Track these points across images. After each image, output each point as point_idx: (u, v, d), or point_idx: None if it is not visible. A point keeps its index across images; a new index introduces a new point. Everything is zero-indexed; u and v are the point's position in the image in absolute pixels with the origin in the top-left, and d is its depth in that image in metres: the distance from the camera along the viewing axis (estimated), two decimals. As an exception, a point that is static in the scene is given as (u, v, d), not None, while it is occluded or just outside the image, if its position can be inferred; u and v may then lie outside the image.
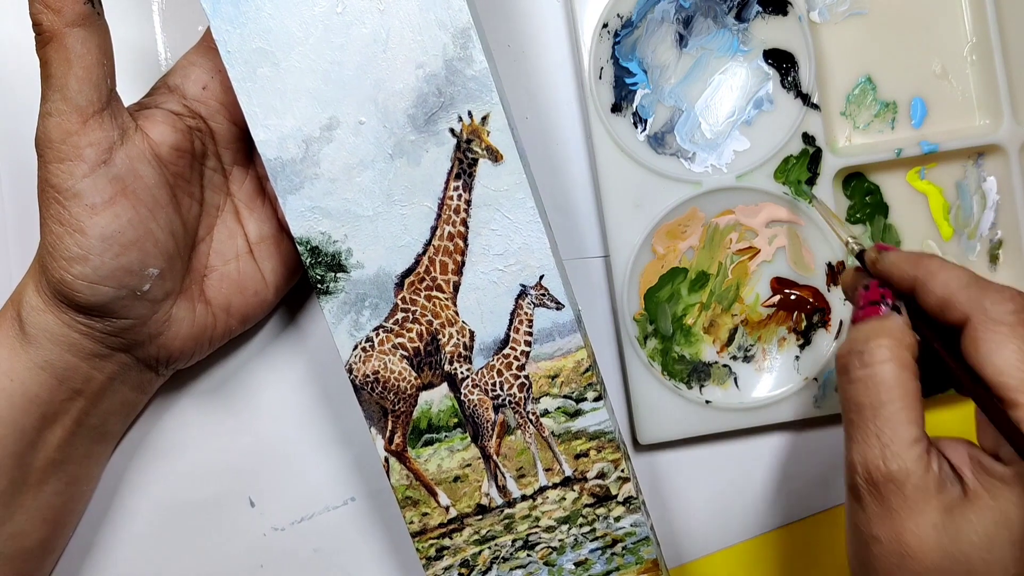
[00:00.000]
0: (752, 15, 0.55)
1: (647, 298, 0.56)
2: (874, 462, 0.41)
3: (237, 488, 0.57)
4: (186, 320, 0.50)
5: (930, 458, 0.41)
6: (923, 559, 0.40)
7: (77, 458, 0.52)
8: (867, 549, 0.42)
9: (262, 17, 0.46)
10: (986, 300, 0.42)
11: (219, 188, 0.52)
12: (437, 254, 0.48)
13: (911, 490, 0.41)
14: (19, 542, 0.50)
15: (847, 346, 0.44)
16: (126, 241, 0.46)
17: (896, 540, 0.41)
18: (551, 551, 0.51)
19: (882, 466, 0.41)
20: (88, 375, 0.49)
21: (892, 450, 0.41)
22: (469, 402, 0.49)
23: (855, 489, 0.42)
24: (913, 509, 0.41)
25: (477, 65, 0.46)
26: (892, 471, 0.41)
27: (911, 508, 0.41)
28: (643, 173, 0.55)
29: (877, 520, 0.42)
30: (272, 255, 0.52)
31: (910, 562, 0.41)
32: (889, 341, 0.43)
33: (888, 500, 0.41)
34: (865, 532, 0.42)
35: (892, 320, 0.44)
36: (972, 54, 0.56)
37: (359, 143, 0.47)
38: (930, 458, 0.41)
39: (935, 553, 0.40)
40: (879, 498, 0.41)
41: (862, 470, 0.42)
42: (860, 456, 0.42)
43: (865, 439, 0.42)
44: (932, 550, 0.40)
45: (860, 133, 0.57)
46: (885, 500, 0.41)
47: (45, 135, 0.45)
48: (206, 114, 0.50)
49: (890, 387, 0.42)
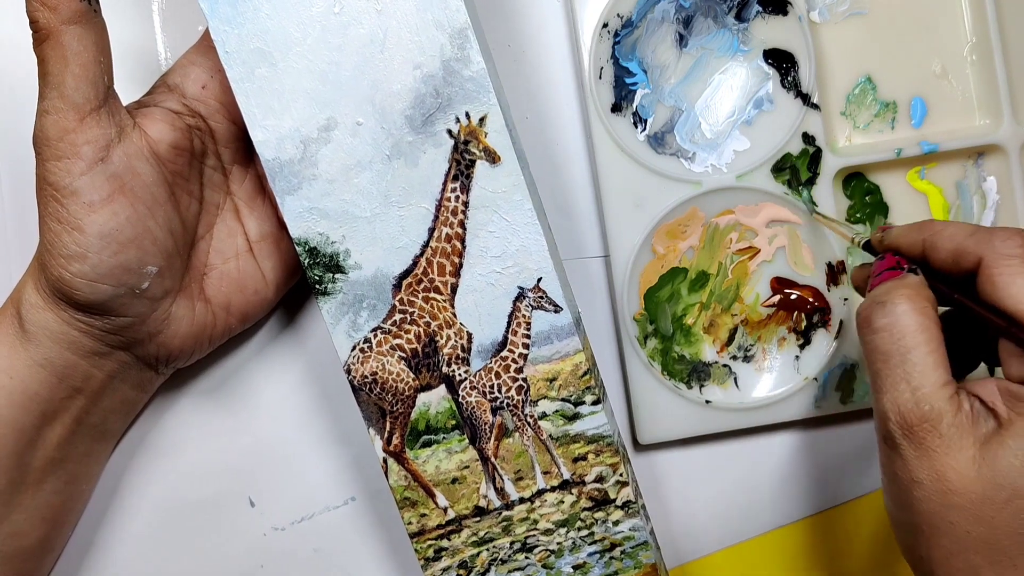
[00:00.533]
0: (752, 15, 0.55)
1: (647, 298, 0.56)
2: (906, 406, 0.42)
3: (237, 488, 0.57)
4: (186, 318, 0.50)
5: (961, 398, 0.42)
6: (967, 493, 0.41)
7: (77, 457, 0.52)
8: (909, 495, 0.42)
9: (260, 17, 0.46)
10: (995, 240, 0.43)
11: (219, 186, 0.52)
12: (435, 256, 0.48)
13: (946, 428, 0.41)
14: (18, 541, 0.50)
15: (868, 301, 0.45)
16: (124, 239, 0.46)
17: (938, 479, 0.41)
18: (549, 554, 0.51)
19: (915, 408, 0.42)
20: (88, 373, 0.49)
21: (923, 392, 0.42)
22: (467, 404, 0.49)
23: (889, 437, 0.43)
24: (951, 447, 0.41)
25: (475, 66, 0.46)
26: (925, 412, 0.41)
27: (949, 446, 0.41)
28: (643, 173, 0.55)
29: (916, 463, 0.42)
30: (272, 254, 0.52)
31: (954, 498, 0.41)
32: (910, 291, 0.44)
33: (925, 441, 0.42)
34: (905, 478, 0.42)
35: (911, 278, 0.45)
36: (972, 54, 0.56)
37: (357, 144, 0.47)
38: (961, 398, 0.42)
39: (978, 485, 0.41)
40: (916, 441, 0.42)
41: (895, 416, 0.42)
42: (892, 403, 0.42)
43: (895, 385, 0.42)
44: (974, 482, 0.41)
45: (860, 133, 0.57)
46: (922, 442, 0.42)
47: (42, 133, 0.45)
48: (205, 113, 0.50)
49: (915, 332, 0.42)
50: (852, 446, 0.58)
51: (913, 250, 0.46)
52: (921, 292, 0.44)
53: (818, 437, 0.58)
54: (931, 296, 0.44)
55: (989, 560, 0.41)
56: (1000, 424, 0.42)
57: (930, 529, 0.42)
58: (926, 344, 0.42)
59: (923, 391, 0.42)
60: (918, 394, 0.42)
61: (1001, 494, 0.40)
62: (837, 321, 0.56)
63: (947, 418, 0.41)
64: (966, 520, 0.41)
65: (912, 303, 0.43)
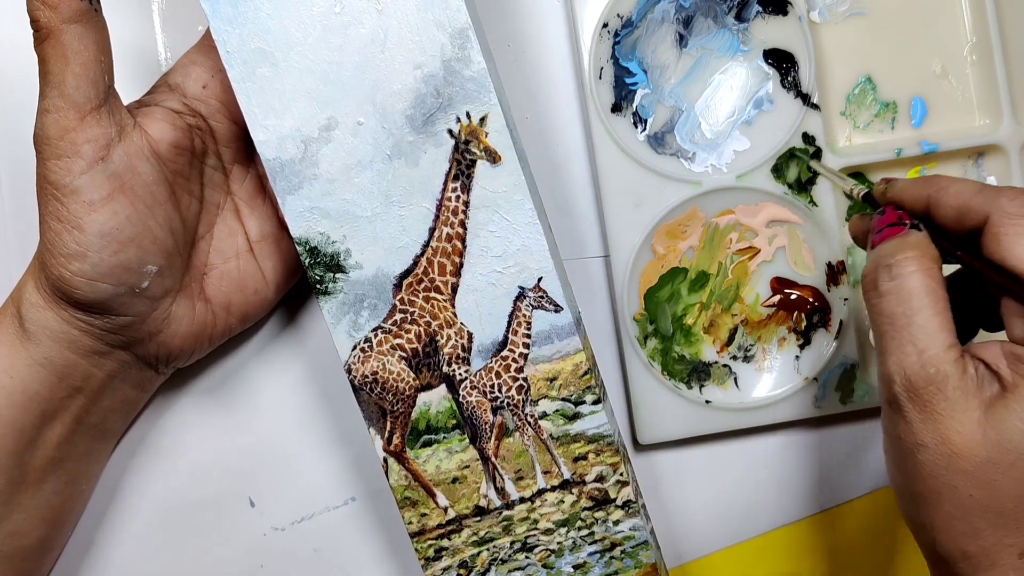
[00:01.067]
0: (752, 15, 0.55)
1: (647, 298, 0.56)
2: (912, 368, 0.42)
3: (237, 488, 0.57)
4: (186, 318, 0.50)
5: (966, 361, 0.42)
6: (972, 456, 0.41)
7: (77, 456, 0.52)
8: (913, 459, 0.42)
9: (261, 17, 0.46)
10: (1002, 198, 0.42)
11: (219, 186, 0.52)
12: (435, 255, 0.48)
13: (951, 391, 0.41)
14: (18, 541, 0.50)
15: (872, 263, 0.44)
16: (124, 238, 0.46)
17: (942, 442, 0.41)
18: (549, 553, 0.51)
19: (921, 371, 0.41)
20: (88, 372, 0.49)
21: (929, 355, 0.41)
22: (467, 404, 0.49)
23: (894, 400, 0.42)
24: (956, 409, 0.41)
25: (475, 66, 0.46)
26: (931, 375, 0.41)
27: (954, 409, 0.41)
28: (643, 173, 0.55)
29: (920, 426, 0.42)
30: (272, 253, 0.52)
31: (959, 461, 0.41)
32: (915, 252, 0.43)
33: (930, 404, 0.41)
34: (908, 442, 0.42)
35: (914, 235, 0.44)
36: (972, 54, 0.56)
37: (357, 144, 0.47)
38: (966, 361, 0.42)
39: (982, 448, 0.40)
40: (920, 404, 0.42)
41: (900, 379, 0.42)
42: (897, 365, 0.42)
43: (901, 347, 0.42)
44: (979, 445, 0.41)
45: (860, 133, 0.57)
46: (927, 404, 0.41)
47: (43, 132, 0.45)
48: (206, 113, 0.50)
49: (921, 295, 0.42)
50: (852, 446, 0.58)
51: (917, 205, 0.45)
52: (927, 251, 0.43)
53: (818, 437, 0.58)
54: (936, 255, 0.43)
55: (992, 524, 0.41)
56: (1004, 387, 0.41)
57: (932, 493, 0.42)
58: (932, 306, 0.42)
59: (929, 353, 0.41)
60: (924, 357, 0.41)
61: (1006, 457, 0.40)
62: (837, 321, 0.56)
63: (952, 381, 0.41)
64: (969, 483, 0.41)
65: (918, 264, 0.43)
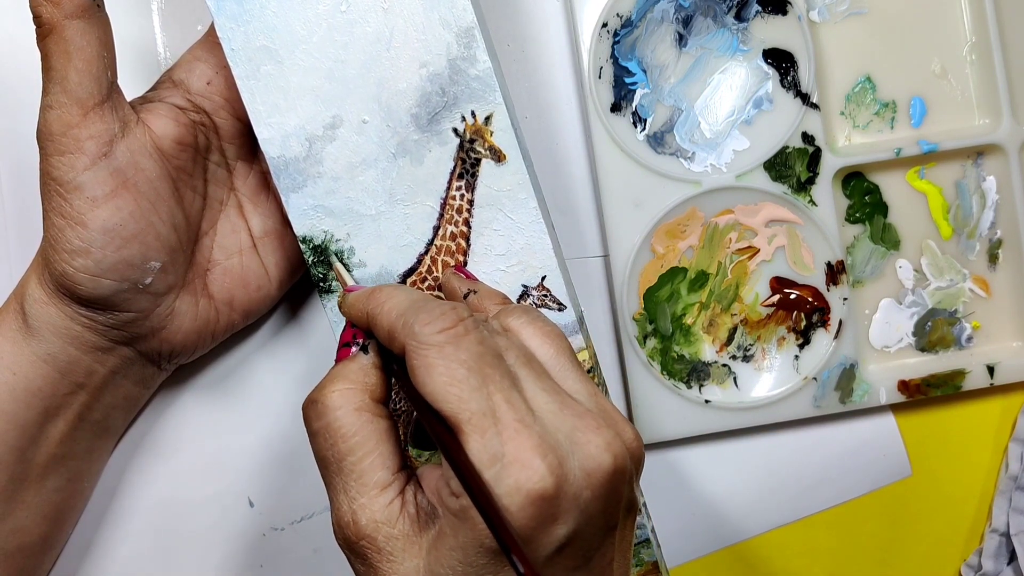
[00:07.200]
0: (752, 15, 0.55)
1: (647, 298, 0.56)
2: (344, 520, 0.39)
3: (237, 488, 0.57)
4: (188, 314, 0.50)
5: (404, 501, 0.39)
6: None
7: (79, 453, 0.51)
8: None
9: (266, 15, 0.46)
10: (416, 323, 0.38)
11: (223, 182, 0.52)
12: (439, 254, 0.48)
13: (384, 542, 0.38)
14: (20, 538, 0.50)
15: (308, 397, 0.41)
16: (127, 234, 0.46)
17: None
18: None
19: (352, 524, 0.38)
20: (90, 368, 0.49)
21: (359, 504, 0.38)
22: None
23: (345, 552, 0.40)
24: (393, 561, 0.38)
25: (481, 65, 0.46)
26: (362, 527, 0.38)
27: (391, 560, 0.38)
28: (643, 173, 0.55)
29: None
30: (276, 250, 0.52)
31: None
32: (343, 384, 0.40)
33: (368, 558, 0.38)
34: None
35: (356, 361, 0.41)
36: (972, 54, 0.56)
37: (362, 142, 0.47)
38: (404, 501, 0.39)
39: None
40: (361, 558, 0.39)
41: (338, 532, 0.39)
42: (335, 517, 0.39)
43: (335, 497, 0.39)
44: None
45: (859, 132, 0.57)
46: (366, 559, 0.38)
47: (46, 128, 0.45)
48: (210, 109, 0.50)
49: (347, 435, 0.39)
50: (852, 446, 0.58)
51: (362, 323, 0.42)
52: (358, 381, 0.40)
53: (818, 437, 0.58)
54: (374, 382, 0.40)
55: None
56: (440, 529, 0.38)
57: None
58: (362, 446, 0.39)
59: (359, 502, 0.38)
60: (355, 506, 0.38)
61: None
62: (836, 321, 0.56)
63: (384, 530, 0.38)
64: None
65: (343, 398, 0.39)
